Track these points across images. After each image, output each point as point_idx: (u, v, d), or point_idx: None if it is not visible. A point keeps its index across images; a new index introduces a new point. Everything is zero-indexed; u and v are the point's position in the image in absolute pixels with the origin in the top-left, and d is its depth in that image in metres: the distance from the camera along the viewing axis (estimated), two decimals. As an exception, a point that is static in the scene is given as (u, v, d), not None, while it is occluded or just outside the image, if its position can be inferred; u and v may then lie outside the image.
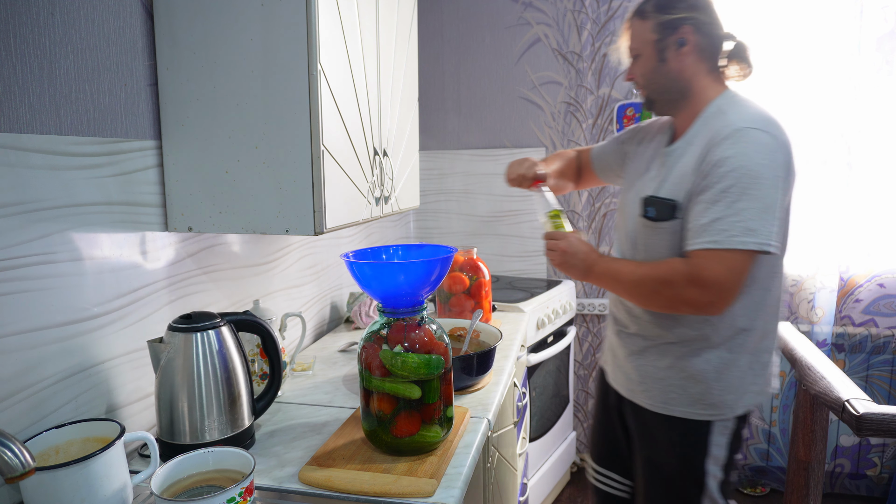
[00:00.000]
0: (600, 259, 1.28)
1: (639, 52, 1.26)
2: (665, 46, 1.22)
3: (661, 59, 1.23)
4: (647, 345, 1.30)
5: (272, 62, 1.10)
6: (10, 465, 0.63)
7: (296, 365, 1.54)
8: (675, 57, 1.22)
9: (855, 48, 2.25)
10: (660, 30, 1.22)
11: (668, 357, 1.27)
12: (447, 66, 2.71)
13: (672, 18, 1.20)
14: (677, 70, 1.23)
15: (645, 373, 1.31)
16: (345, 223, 1.24)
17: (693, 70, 1.23)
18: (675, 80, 1.23)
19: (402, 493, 0.93)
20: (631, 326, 1.34)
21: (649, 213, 1.23)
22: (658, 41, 1.22)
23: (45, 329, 0.95)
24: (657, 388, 1.29)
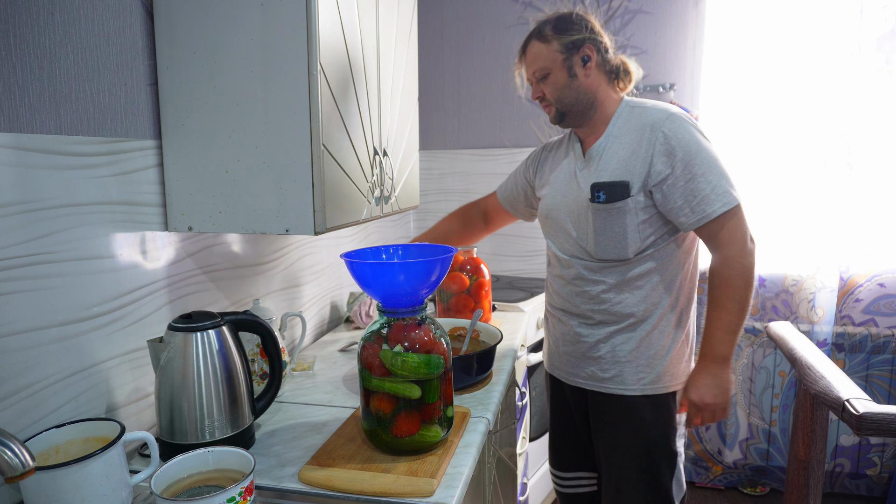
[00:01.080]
0: (712, 351, 1.34)
1: (548, 71, 1.39)
2: (572, 63, 1.37)
3: (571, 75, 1.38)
4: (613, 330, 1.41)
5: (272, 62, 1.10)
6: (10, 465, 0.63)
7: (296, 365, 1.54)
8: (583, 72, 1.38)
9: (855, 48, 2.25)
10: (565, 49, 1.37)
11: (634, 338, 1.40)
12: (447, 66, 2.71)
13: (575, 38, 1.37)
14: (585, 84, 1.38)
15: (615, 359, 1.41)
16: (345, 223, 1.24)
17: (597, 83, 1.40)
18: (584, 92, 1.39)
19: (402, 493, 0.93)
20: (595, 316, 1.43)
21: (600, 197, 1.35)
22: (565, 59, 1.37)
23: (45, 329, 0.95)
24: (629, 370, 1.40)
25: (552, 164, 1.56)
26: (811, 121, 2.32)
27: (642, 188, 1.33)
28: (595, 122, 1.42)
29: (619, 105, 1.42)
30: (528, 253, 2.72)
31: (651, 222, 1.35)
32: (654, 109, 1.37)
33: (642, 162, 1.33)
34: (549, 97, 1.41)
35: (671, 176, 1.31)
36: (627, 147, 1.36)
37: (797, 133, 2.35)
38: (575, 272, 1.44)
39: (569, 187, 1.46)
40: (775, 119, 2.35)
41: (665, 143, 1.31)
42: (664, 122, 1.32)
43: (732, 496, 2.53)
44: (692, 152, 1.29)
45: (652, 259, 1.37)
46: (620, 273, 1.39)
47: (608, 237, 1.37)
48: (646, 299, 1.38)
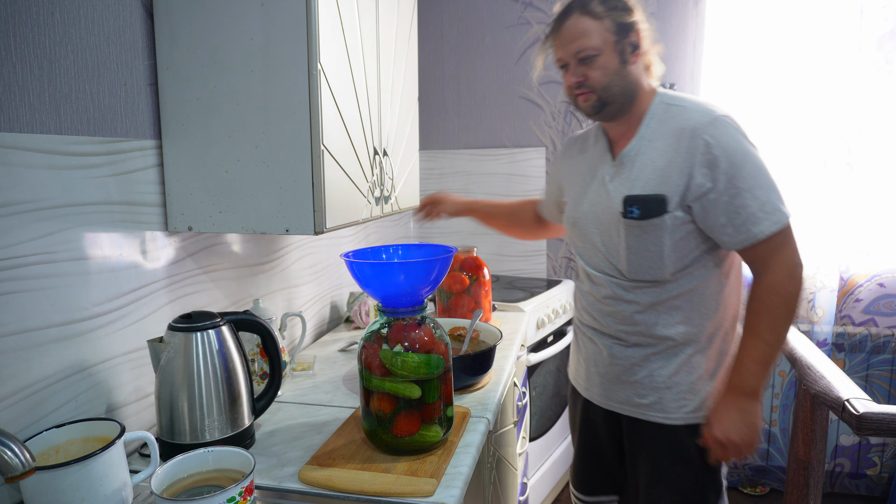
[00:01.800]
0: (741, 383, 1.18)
1: (597, 52, 1.19)
2: (624, 48, 1.19)
3: (622, 61, 1.20)
4: (649, 353, 1.25)
5: (272, 62, 1.10)
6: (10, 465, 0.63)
7: (296, 365, 1.54)
8: (632, 60, 1.21)
9: (855, 48, 2.25)
10: (618, 30, 1.18)
11: (674, 361, 1.24)
12: (447, 66, 2.71)
13: (628, 21, 1.19)
14: (633, 73, 1.22)
15: (652, 384, 1.26)
16: (345, 223, 1.24)
17: (639, 72, 1.23)
18: (631, 82, 1.21)
19: (402, 493, 0.93)
20: (629, 338, 1.27)
21: (633, 212, 1.20)
22: (618, 42, 1.19)
23: (45, 329, 0.95)
24: (669, 396, 1.25)
25: (578, 164, 1.39)
26: (811, 120, 2.32)
27: (680, 203, 1.17)
28: (629, 118, 1.25)
29: (653, 100, 1.24)
30: (528, 253, 2.71)
31: (690, 239, 1.20)
32: (694, 110, 1.19)
33: (680, 173, 1.16)
34: (594, 83, 1.21)
35: (713, 191, 1.14)
36: (664, 154, 1.19)
37: (797, 133, 2.35)
38: (606, 290, 1.29)
39: (598, 195, 1.29)
40: (775, 119, 2.35)
41: (707, 153, 1.14)
42: (707, 126, 1.15)
43: (732, 496, 2.53)
44: (738, 163, 1.13)
45: (691, 277, 1.22)
46: (656, 293, 1.23)
47: (642, 256, 1.22)
48: (686, 321, 1.23)
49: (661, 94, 1.25)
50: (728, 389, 1.19)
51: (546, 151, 2.64)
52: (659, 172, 1.19)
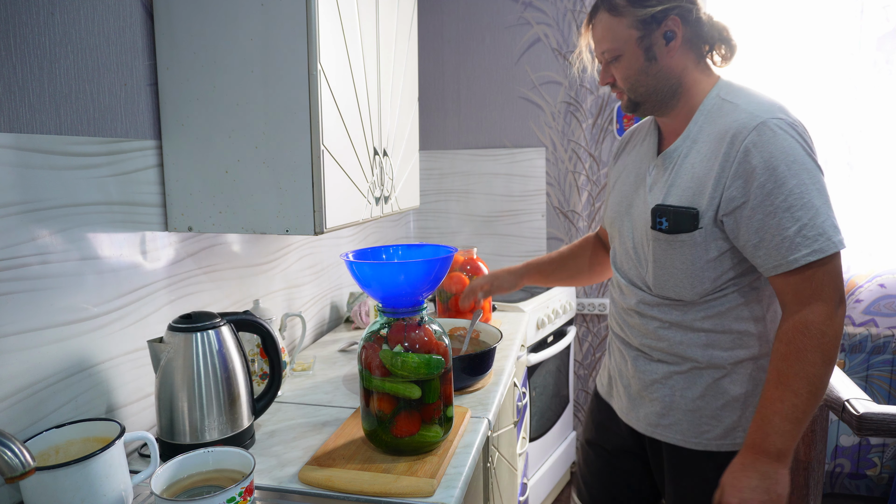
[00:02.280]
0: (764, 443, 1.00)
1: (618, 53, 1.10)
2: (651, 43, 1.07)
3: (648, 58, 1.08)
4: (673, 371, 1.14)
5: (272, 62, 1.10)
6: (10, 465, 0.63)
7: (296, 365, 1.54)
8: (665, 53, 1.08)
9: (856, 47, 2.25)
10: (642, 25, 1.07)
11: (699, 384, 1.12)
12: (447, 66, 2.71)
13: (656, 10, 1.06)
14: (668, 67, 1.09)
15: (672, 404, 1.14)
16: (345, 223, 1.24)
17: (683, 64, 1.09)
18: (666, 77, 1.09)
19: (402, 493, 0.93)
20: (654, 352, 1.16)
21: (661, 224, 1.08)
22: (642, 38, 1.07)
23: (45, 329, 0.95)
24: (688, 420, 1.12)
25: (627, 160, 1.26)
26: (811, 120, 2.32)
27: (714, 218, 1.04)
28: (679, 112, 1.12)
29: (711, 92, 1.10)
30: (528, 253, 2.71)
31: (725, 260, 1.06)
32: (744, 110, 1.03)
33: (715, 183, 1.02)
34: (620, 84, 1.13)
35: (746, 206, 1.00)
36: (705, 160, 1.05)
37: (797, 133, 2.34)
38: (632, 301, 1.19)
39: (636, 194, 1.18)
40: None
41: (744, 162, 0.99)
42: (750, 131, 1.00)
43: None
44: (780, 177, 0.97)
45: (724, 300, 1.08)
46: (681, 313, 1.11)
47: (669, 273, 1.10)
48: (712, 346, 1.10)
49: (722, 86, 1.10)
50: (747, 449, 1.01)
51: (546, 151, 2.64)
52: (696, 181, 1.05)
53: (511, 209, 2.71)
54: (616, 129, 2.52)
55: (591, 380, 2.73)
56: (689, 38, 1.09)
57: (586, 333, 2.70)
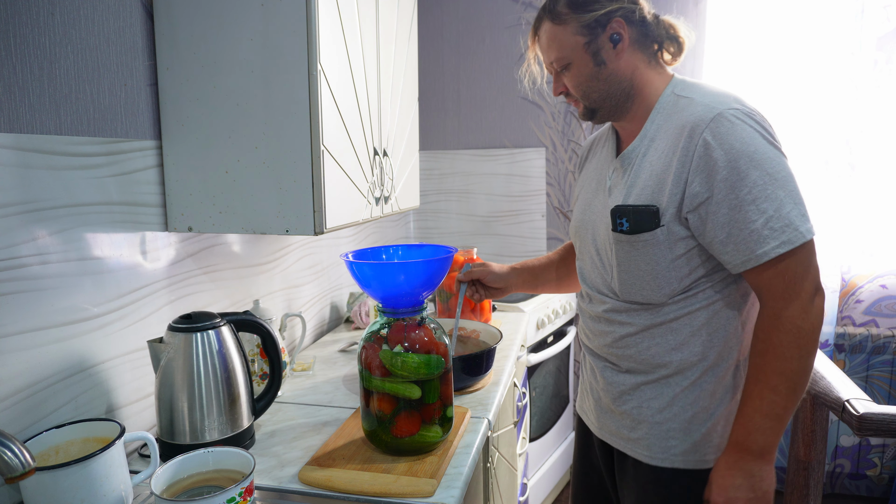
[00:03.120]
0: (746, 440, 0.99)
1: (567, 61, 1.08)
2: (599, 48, 1.06)
3: (597, 63, 1.06)
4: (641, 381, 1.10)
5: (272, 62, 1.10)
6: (10, 465, 0.63)
7: (296, 365, 1.54)
8: (613, 56, 1.06)
9: (856, 47, 2.25)
10: (587, 31, 1.05)
11: (666, 394, 1.08)
12: (447, 66, 2.71)
13: (599, 14, 1.04)
14: (618, 70, 1.07)
15: (641, 416, 1.10)
16: (345, 223, 1.24)
17: (633, 65, 1.07)
18: (618, 81, 1.07)
19: (402, 493, 0.93)
20: (622, 361, 1.12)
21: (622, 225, 1.05)
22: (588, 43, 1.06)
23: (45, 329, 0.95)
24: (655, 434, 1.08)
25: (589, 167, 1.25)
26: (812, 121, 2.32)
27: (677, 215, 1.01)
28: (635, 115, 1.10)
29: (665, 90, 1.08)
30: (529, 253, 2.71)
31: (692, 258, 1.03)
32: (700, 103, 1.01)
33: (676, 179, 0.99)
34: (574, 92, 1.11)
35: (710, 201, 0.97)
36: (663, 156, 1.03)
37: (798, 133, 2.34)
38: (599, 309, 1.15)
39: (596, 199, 1.16)
40: (776, 119, 2.35)
41: (705, 156, 0.96)
42: (708, 123, 0.97)
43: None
44: (742, 169, 0.94)
45: (694, 300, 1.05)
46: (651, 316, 1.07)
47: (634, 276, 1.06)
48: (682, 347, 1.06)
49: (676, 83, 1.08)
50: (731, 447, 1.00)
51: (546, 152, 2.64)
52: (655, 178, 1.03)
53: (511, 209, 2.71)
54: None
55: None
56: (637, 39, 1.07)
57: (586, 333, 2.70)
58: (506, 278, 1.42)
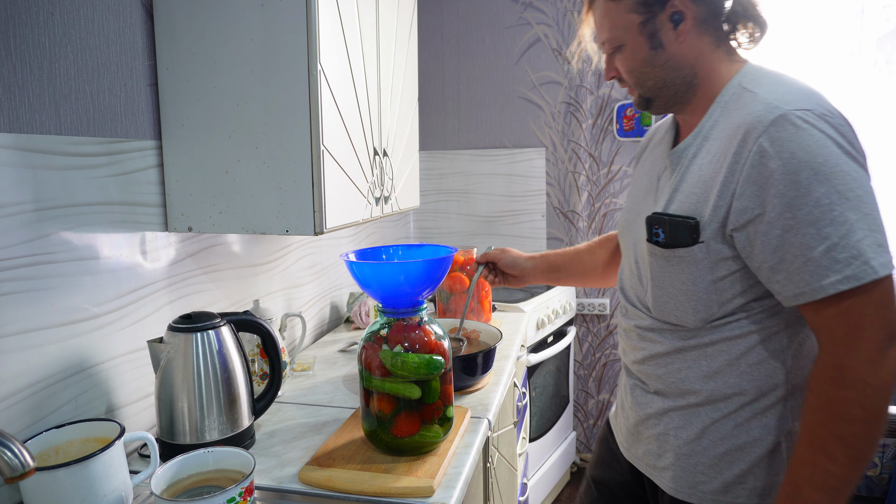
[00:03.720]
0: None
1: (619, 42, 0.95)
2: (656, 28, 0.92)
3: (653, 46, 0.93)
4: (668, 406, 0.98)
5: (272, 62, 1.10)
6: (10, 465, 0.63)
7: (296, 365, 1.54)
8: (673, 39, 0.92)
9: (856, 48, 2.25)
10: (643, 8, 0.91)
11: (695, 423, 0.95)
12: (447, 66, 2.71)
13: None
14: (678, 55, 0.93)
15: (666, 444, 0.99)
16: (345, 223, 1.24)
17: (697, 49, 0.93)
18: (677, 67, 0.93)
19: (402, 493, 0.93)
20: (651, 381, 1.01)
21: (658, 237, 0.93)
22: (644, 23, 0.92)
23: (45, 329, 0.95)
24: (681, 465, 0.96)
25: (647, 157, 1.11)
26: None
27: (720, 231, 0.87)
28: (697, 104, 0.96)
29: (732, 80, 0.92)
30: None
31: (736, 282, 0.89)
32: (762, 99, 0.85)
33: (722, 189, 0.85)
34: (627, 78, 0.98)
35: (761, 220, 0.82)
36: (714, 160, 0.88)
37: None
38: (633, 323, 1.05)
39: (645, 201, 1.03)
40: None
41: (759, 165, 0.81)
42: (767, 125, 0.81)
43: None
44: (803, 183, 0.79)
45: (735, 326, 0.91)
46: (684, 337, 0.95)
47: (668, 293, 0.94)
48: (716, 376, 0.92)
49: (746, 72, 0.92)
50: None
51: (546, 152, 2.64)
52: (702, 185, 0.89)
53: (511, 209, 2.71)
54: (616, 130, 2.52)
55: (590, 380, 2.73)
56: (703, 18, 0.91)
57: (586, 334, 2.70)
58: (523, 266, 1.35)
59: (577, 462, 2.71)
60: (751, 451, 0.92)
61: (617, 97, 2.53)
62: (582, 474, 2.70)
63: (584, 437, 2.76)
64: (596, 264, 1.35)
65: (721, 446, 0.93)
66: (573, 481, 2.66)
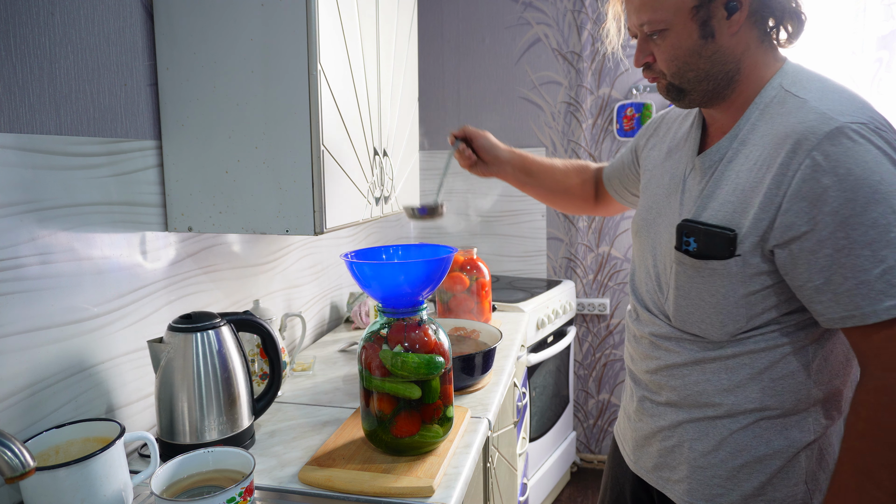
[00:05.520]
0: None
1: (664, 26, 0.85)
2: (709, 16, 0.83)
3: (704, 35, 0.84)
4: (682, 419, 0.95)
5: (272, 62, 1.10)
6: (10, 465, 0.63)
7: (296, 365, 1.54)
8: (725, 29, 0.84)
9: (858, 47, 2.25)
10: None
11: (712, 435, 0.92)
12: (447, 66, 2.71)
13: None
14: (727, 48, 0.85)
15: (680, 456, 0.95)
16: (345, 223, 1.24)
17: (745, 43, 0.86)
18: (723, 61, 0.86)
19: (402, 493, 0.93)
20: (664, 391, 0.97)
21: (688, 245, 0.87)
22: (698, 8, 0.83)
23: (45, 329, 0.95)
24: (697, 478, 0.93)
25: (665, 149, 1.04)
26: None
27: (759, 245, 0.83)
28: (732, 102, 0.90)
29: (772, 80, 0.87)
30: (529, 253, 2.71)
31: (768, 296, 0.85)
32: (814, 108, 0.80)
33: (765, 202, 0.81)
34: (663, 66, 0.89)
35: (810, 236, 0.78)
36: (754, 169, 0.83)
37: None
38: (647, 330, 1.00)
39: (668, 202, 0.98)
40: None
41: (811, 179, 0.77)
42: (821, 138, 0.77)
43: None
44: (860, 201, 0.75)
45: (760, 340, 0.88)
46: (705, 348, 0.91)
47: (693, 304, 0.90)
48: (737, 390, 0.89)
49: (787, 73, 0.87)
50: None
51: (546, 152, 2.64)
52: (739, 195, 0.84)
53: (511, 209, 2.71)
54: (616, 130, 2.52)
55: (590, 380, 2.73)
56: (756, 10, 0.85)
57: (586, 333, 2.70)
58: (498, 154, 1.29)
59: (577, 462, 2.71)
60: (770, 464, 0.89)
61: (617, 97, 2.53)
62: (582, 474, 2.70)
63: (584, 437, 2.76)
64: (565, 186, 1.31)
65: (739, 458, 0.90)
66: (573, 481, 2.66)
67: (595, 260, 2.65)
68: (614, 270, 2.64)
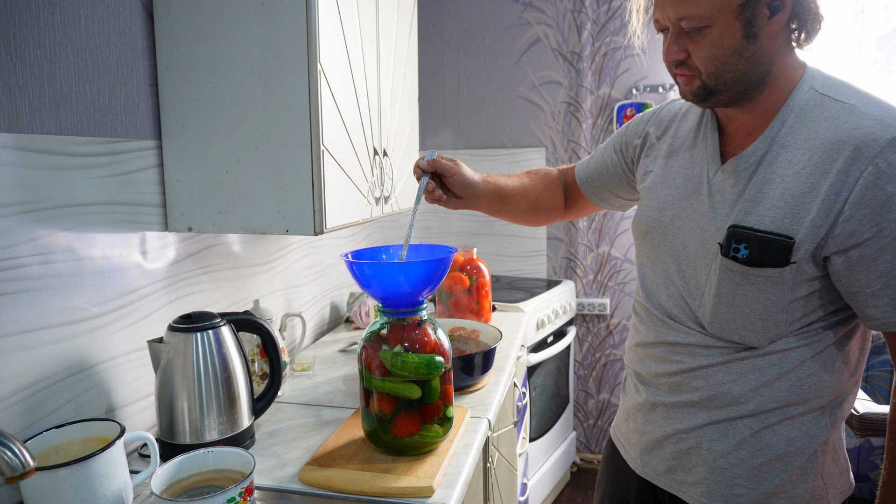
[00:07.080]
0: None
1: (706, 23, 0.82)
2: (754, 16, 0.80)
3: (747, 35, 0.82)
4: (702, 420, 0.93)
5: (272, 62, 1.10)
6: (10, 465, 0.63)
7: (296, 365, 1.54)
8: (766, 30, 0.82)
9: (856, 48, 2.25)
10: None
11: (732, 436, 0.91)
12: (447, 66, 2.71)
13: None
14: (765, 49, 0.83)
15: (698, 458, 0.94)
16: (345, 223, 1.24)
17: (778, 45, 0.84)
18: (759, 63, 0.84)
19: (402, 493, 0.93)
20: (683, 394, 0.95)
21: (739, 252, 0.85)
22: (744, 6, 0.80)
23: (44, 329, 0.95)
24: (716, 479, 0.92)
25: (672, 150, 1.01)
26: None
27: (814, 252, 0.82)
28: (759, 104, 0.88)
29: (801, 83, 0.86)
30: (529, 253, 2.71)
31: (811, 300, 0.86)
32: (866, 114, 0.80)
33: (824, 208, 0.80)
34: (700, 64, 0.85)
35: (871, 243, 0.79)
36: (804, 174, 0.82)
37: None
38: (669, 337, 0.96)
39: (690, 204, 0.95)
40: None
41: (874, 187, 0.77)
42: (883, 146, 0.78)
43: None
44: None
45: (790, 339, 0.88)
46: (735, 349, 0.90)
47: (737, 313, 0.88)
48: (763, 389, 0.89)
49: (813, 76, 0.87)
50: None
51: (546, 152, 2.64)
52: (790, 200, 0.82)
53: (511, 209, 2.71)
54: (616, 130, 2.52)
55: (590, 380, 2.73)
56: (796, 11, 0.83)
57: (586, 334, 2.70)
58: (472, 188, 1.14)
59: (577, 462, 2.71)
60: (791, 461, 0.90)
61: (617, 97, 2.53)
62: (582, 474, 2.70)
63: (584, 437, 2.76)
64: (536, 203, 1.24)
65: (760, 457, 0.90)
66: (573, 481, 2.66)
67: (595, 260, 2.65)
68: (614, 270, 2.64)
